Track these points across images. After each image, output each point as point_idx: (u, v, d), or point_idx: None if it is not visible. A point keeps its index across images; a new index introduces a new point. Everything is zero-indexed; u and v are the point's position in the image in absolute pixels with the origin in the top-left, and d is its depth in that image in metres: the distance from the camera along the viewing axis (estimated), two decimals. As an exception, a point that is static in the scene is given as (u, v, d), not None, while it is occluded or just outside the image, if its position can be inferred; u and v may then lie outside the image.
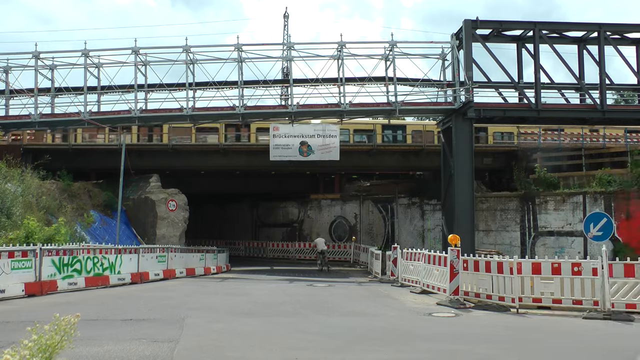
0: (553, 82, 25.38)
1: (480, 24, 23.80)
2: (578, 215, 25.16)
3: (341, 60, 23.95)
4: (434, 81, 25.08)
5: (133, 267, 17.99)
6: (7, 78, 25.33)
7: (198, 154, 30.92)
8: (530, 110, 24.12)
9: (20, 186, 20.12)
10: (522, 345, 8.52)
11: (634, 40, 25.35)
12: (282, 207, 36.92)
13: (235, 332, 8.68)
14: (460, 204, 23.03)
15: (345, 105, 23.87)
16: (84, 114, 24.33)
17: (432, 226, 31.01)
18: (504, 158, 31.76)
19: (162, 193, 27.04)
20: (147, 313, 10.60)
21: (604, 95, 24.24)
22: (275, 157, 28.74)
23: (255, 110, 24.95)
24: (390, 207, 32.91)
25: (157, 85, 25.14)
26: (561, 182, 27.86)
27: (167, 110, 24.80)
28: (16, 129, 26.91)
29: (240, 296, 14.73)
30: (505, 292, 12.40)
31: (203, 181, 33.81)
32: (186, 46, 24.33)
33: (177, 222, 26.73)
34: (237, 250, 36.17)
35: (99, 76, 25.61)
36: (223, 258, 27.55)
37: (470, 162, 23.42)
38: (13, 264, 12.85)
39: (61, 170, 25.79)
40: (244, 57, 24.38)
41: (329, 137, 28.94)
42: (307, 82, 25.62)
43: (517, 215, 27.43)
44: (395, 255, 19.35)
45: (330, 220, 34.60)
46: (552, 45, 24.31)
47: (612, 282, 11.26)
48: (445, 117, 24.99)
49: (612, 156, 29.54)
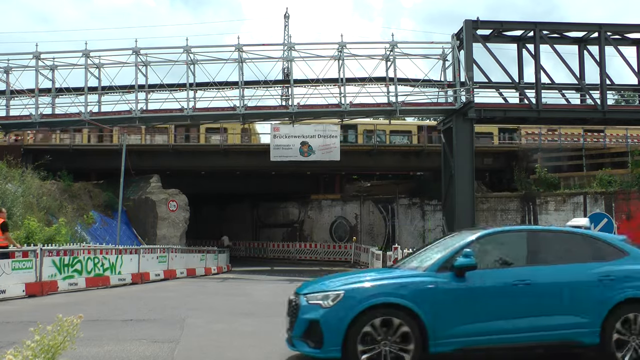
0: (554, 83, 25.38)
1: (480, 24, 23.81)
2: (579, 216, 25.11)
3: (342, 61, 23.94)
4: (435, 81, 25.08)
5: (134, 268, 17.98)
6: (8, 78, 25.33)
7: (198, 155, 30.92)
8: (530, 111, 24.12)
9: (20, 186, 20.13)
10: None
11: (635, 41, 25.35)
12: (282, 207, 36.92)
13: (236, 332, 8.68)
14: (461, 204, 23.02)
15: (345, 106, 23.86)
16: (84, 115, 24.33)
17: (433, 226, 31.00)
18: (504, 158, 31.76)
19: (163, 193, 27.05)
20: (148, 313, 10.60)
21: (605, 96, 24.23)
22: (276, 157, 28.76)
23: (255, 111, 24.95)
24: (390, 208, 32.90)
25: (157, 86, 25.13)
26: (562, 182, 27.85)
27: (167, 110, 24.78)
28: (17, 129, 26.91)
29: (241, 296, 14.73)
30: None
31: (203, 181, 33.82)
32: (187, 47, 24.33)
33: (177, 223, 26.75)
34: (238, 251, 36.17)
35: (99, 76, 25.63)
36: (224, 258, 27.57)
37: (470, 162, 23.42)
38: (14, 265, 12.84)
39: (62, 171, 25.80)
40: (245, 58, 24.38)
41: (330, 138, 28.97)
42: (307, 83, 25.60)
43: (517, 216, 27.43)
44: (396, 256, 19.36)
45: (330, 221, 34.59)
46: (553, 46, 24.31)
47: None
48: (445, 118, 24.99)
49: (612, 156, 29.54)
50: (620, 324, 6.14)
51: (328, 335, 5.73)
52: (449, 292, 6.01)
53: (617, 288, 6.23)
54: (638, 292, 6.28)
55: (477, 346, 5.94)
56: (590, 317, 6.10)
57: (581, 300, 6.20)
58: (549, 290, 6.21)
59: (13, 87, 25.36)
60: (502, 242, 6.82)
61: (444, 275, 6.07)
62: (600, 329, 6.08)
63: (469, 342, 5.91)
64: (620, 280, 6.29)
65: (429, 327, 5.79)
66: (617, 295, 6.20)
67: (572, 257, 6.57)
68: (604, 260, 6.51)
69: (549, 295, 6.20)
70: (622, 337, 6.12)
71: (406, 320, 5.76)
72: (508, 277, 6.22)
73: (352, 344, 5.67)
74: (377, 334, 5.71)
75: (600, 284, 6.25)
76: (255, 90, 25.63)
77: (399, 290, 5.96)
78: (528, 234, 6.85)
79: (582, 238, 6.91)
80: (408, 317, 5.78)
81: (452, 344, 5.86)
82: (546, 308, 6.14)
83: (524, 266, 6.42)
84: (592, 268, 6.37)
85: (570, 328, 6.08)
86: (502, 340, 5.99)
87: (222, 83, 25.00)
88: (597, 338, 6.07)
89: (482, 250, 6.46)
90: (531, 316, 6.09)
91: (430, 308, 5.85)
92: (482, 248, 6.48)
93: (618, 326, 6.13)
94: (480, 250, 6.40)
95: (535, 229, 7.80)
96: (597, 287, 6.24)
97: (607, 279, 6.28)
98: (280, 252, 35.14)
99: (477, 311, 6.02)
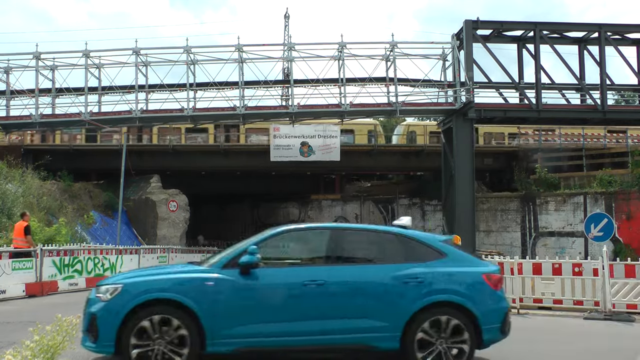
0: (554, 83, 25.40)
1: (480, 24, 23.82)
2: (579, 216, 25.13)
3: (342, 61, 23.96)
4: (435, 81, 25.09)
5: (134, 268, 17.98)
6: (8, 78, 25.37)
7: (199, 155, 30.90)
8: (530, 111, 24.13)
9: (21, 187, 20.14)
10: (523, 346, 8.52)
11: (635, 41, 25.38)
12: (282, 207, 36.91)
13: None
14: (461, 204, 23.03)
15: (345, 106, 23.87)
16: (84, 115, 24.34)
17: (433, 227, 30.98)
18: (504, 158, 31.75)
19: (163, 194, 27.05)
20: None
21: (605, 96, 24.26)
22: (276, 157, 28.77)
23: (256, 111, 24.96)
24: (391, 208, 32.89)
25: (157, 86, 25.15)
26: (562, 182, 27.83)
27: (168, 110, 24.80)
28: (17, 129, 26.93)
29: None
30: (506, 293, 12.38)
31: (204, 182, 33.80)
32: (187, 47, 24.34)
33: (177, 223, 26.75)
34: (238, 251, 36.13)
35: (99, 77, 25.67)
36: (224, 258, 27.54)
37: (471, 162, 23.42)
38: (14, 265, 12.85)
39: (62, 171, 25.79)
40: (245, 58, 24.40)
41: (330, 138, 28.97)
42: (307, 83, 25.62)
43: (517, 216, 27.42)
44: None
45: (330, 221, 34.58)
46: (553, 46, 24.32)
47: (613, 283, 11.25)
48: (446, 118, 25.00)
49: (612, 156, 29.51)
50: (428, 326, 5.81)
51: (103, 330, 5.48)
52: (232, 290, 5.69)
53: (424, 291, 5.91)
54: (446, 296, 5.96)
55: (257, 347, 5.64)
56: (390, 321, 5.77)
57: (380, 302, 5.85)
58: (344, 292, 5.86)
59: (13, 87, 25.39)
60: (303, 240, 6.51)
61: (230, 272, 5.74)
62: (401, 334, 5.75)
63: (249, 343, 5.61)
64: (429, 282, 5.97)
65: (207, 325, 5.53)
66: (424, 298, 5.88)
67: (380, 258, 6.26)
68: (417, 261, 6.14)
69: (343, 297, 5.84)
70: (427, 338, 5.79)
71: (184, 320, 5.51)
72: (299, 277, 5.84)
73: (126, 339, 5.42)
74: (153, 331, 5.48)
75: (406, 287, 5.90)
76: (255, 90, 25.68)
77: (177, 287, 5.65)
78: (332, 232, 6.43)
79: (395, 238, 6.43)
80: (186, 316, 5.52)
81: (230, 344, 5.57)
82: (340, 310, 5.80)
83: (321, 266, 6.06)
84: (399, 269, 6.02)
85: (365, 332, 5.73)
86: (287, 343, 5.67)
87: (222, 83, 25.02)
88: (397, 343, 5.74)
89: (277, 247, 6.19)
90: (322, 318, 5.75)
91: (209, 306, 5.58)
92: (277, 245, 6.20)
93: (426, 328, 5.79)
94: (274, 247, 6.13)
95: (341, 227, 7.32)
96: (401, 289, 5.89)
97: (415, 281, 5.93)
98: (281, 252, 35.10)
99: (261, 311, 5.71)
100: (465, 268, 6.26)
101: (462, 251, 6.59)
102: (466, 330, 5.92)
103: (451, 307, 5.98)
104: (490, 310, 6.08)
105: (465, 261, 6.37)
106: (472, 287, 6.13)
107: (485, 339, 6.05)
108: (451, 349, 5.87)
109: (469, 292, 6.08)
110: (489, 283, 6.19)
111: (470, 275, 6.21)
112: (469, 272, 6.25)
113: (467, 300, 6.00)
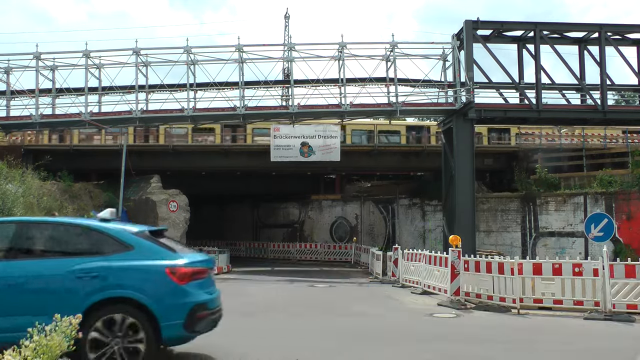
0: (554, 83, 25.37)
1: (481, 24, 23.80)
2: (579, 216, 25.13)
3: (342, 61, 23.94)
4: (435, 82, 25.07)
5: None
6: (8, 79, 25.35)
7: (199, 155, 30.92)
8: (531, 111, 24.12)
9: (21, 187, 20.12)
10: (523, 346, 8.53)
11: (635, 41, 25.35)
12: (282, 207, 36.94)
13: (236, 332, 8.67)
14: (461, 204, 23.02)
15: (346, 106, 23.87)
16: (85, 115, 24.33)
17: (433, 227, 30.98)
18: (504, 159, 31.75)
19: (163, 194, 27.03)
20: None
21: (605, 96, 24.23)
22: (276, 157, 28.77)
23: (256, 111, 24.95)
24: (391, 208, 32.90)
25: (158, 86, 25.13)
26: (562, 182, 27.83)
27: (168, 111, 24.78)
28: (17, 129, 26.93)
29: (241, 296, 14.74)
30: (506, 293, 12.39)
31: (204, 182, 33.82)
32: (187, 47, 24.33)
33: (178, 223, 26.73)
34: (238, 251, 36.13)
35: (100, 77, 25.62)
36: (224, 259, 27.53)
37: (471, 162, 23.41)
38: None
39: (62, 171, 25.76)
40: (245, 58, 24.38)
41: (330, 138, 28.99)
42: (307, 83, 25.59)
43: (518, 216, 27.41)
44: (396, 256, 19.35)
45: (331, 221, 34.59)
46: (553, 46, 24.31)
47: (613, 283, 11.26)
48: (446, 118, 24.99)
49: (613, 157, 29.50)
50: (102, 325, 5.54)
51: None
52: None
53: (98, 286, 5.63)
54: (121, 291, 5.69)
55: None
56: None
57: (52, 299, 5.57)
58: (17, 288, 5.66)
59: (13, 88, 25.38)
60: None
61: None
62: None
63: None
64: (104, 277, 5.67)
65: None
66: (97, 294, 5.61)
67: (62, 252, 6.03)
68: (98, 254, 5.87)
69: (15, 293, 5.64)
70: (101, 338, 5.54)
71: None
72: None
73: None
74: None
75: (79, 282, 5.63)
76: (255, 90, 25.63)
77: None
78: (17, 225, 6.29)
79: (81, 230, 6.20)
80: None
81: None
82: (10, 307, 5.59)
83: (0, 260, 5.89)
84: (75, 264, 5.75)
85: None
86: None
87: (222, 83, 24.99)
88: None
89: None
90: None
91: None
92: None
93: (99, 327, 5.55)
94: None
95: (28, 221, 7.02)
96: (73, 284, 5.63)
97: (88, 275, 5.64)
98: (281, 253, 35.11)
99: None
100: (147, 262, 5.94)
101: (156, 244, 6.21)
102: (142, 329, 5.65)
103: (127, 303, 5.70)
104: (171, 306, 5.79)
105: (153, 254, 6.04)
106: (150, 282, 5.85)
107: (165, 337, 5.77)
108: (128, 349, 5.61)
109: (147, 287, 5.79)
110: (173, 277, 5.87)
111: (150, 269, 5.91)
112: (150, 265, 5.93)
113: (144, 296, 5.71)
